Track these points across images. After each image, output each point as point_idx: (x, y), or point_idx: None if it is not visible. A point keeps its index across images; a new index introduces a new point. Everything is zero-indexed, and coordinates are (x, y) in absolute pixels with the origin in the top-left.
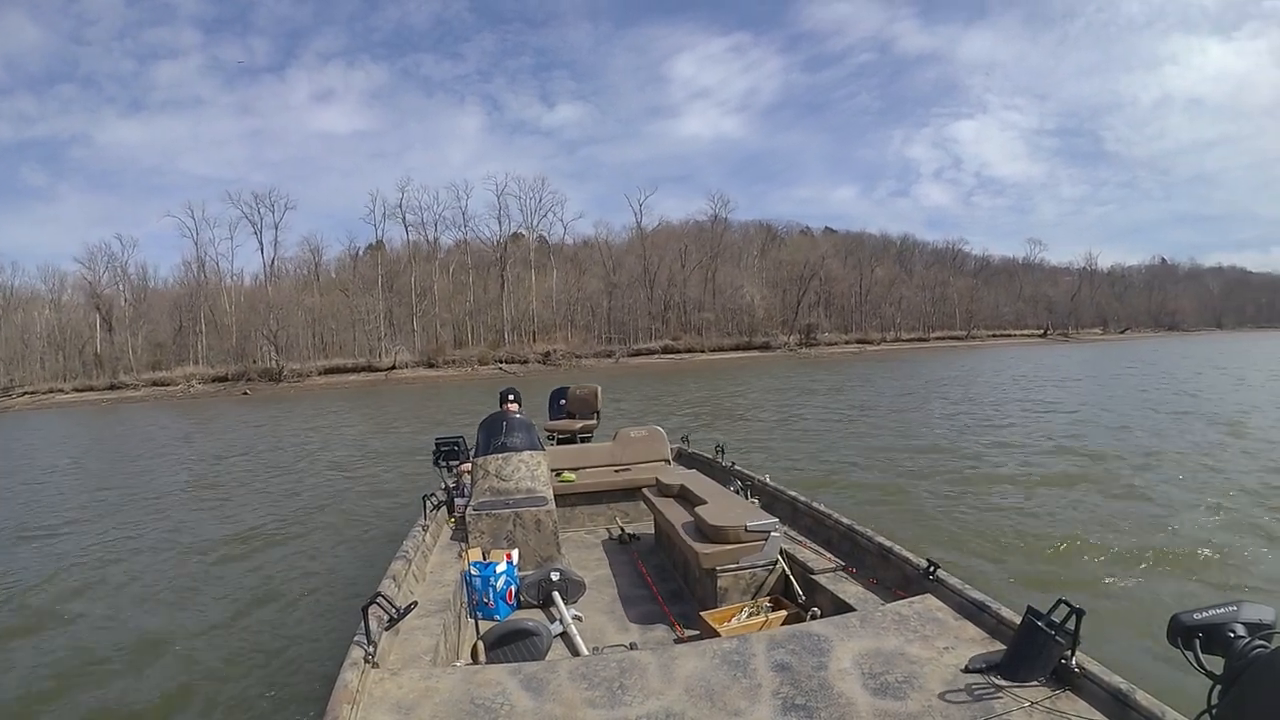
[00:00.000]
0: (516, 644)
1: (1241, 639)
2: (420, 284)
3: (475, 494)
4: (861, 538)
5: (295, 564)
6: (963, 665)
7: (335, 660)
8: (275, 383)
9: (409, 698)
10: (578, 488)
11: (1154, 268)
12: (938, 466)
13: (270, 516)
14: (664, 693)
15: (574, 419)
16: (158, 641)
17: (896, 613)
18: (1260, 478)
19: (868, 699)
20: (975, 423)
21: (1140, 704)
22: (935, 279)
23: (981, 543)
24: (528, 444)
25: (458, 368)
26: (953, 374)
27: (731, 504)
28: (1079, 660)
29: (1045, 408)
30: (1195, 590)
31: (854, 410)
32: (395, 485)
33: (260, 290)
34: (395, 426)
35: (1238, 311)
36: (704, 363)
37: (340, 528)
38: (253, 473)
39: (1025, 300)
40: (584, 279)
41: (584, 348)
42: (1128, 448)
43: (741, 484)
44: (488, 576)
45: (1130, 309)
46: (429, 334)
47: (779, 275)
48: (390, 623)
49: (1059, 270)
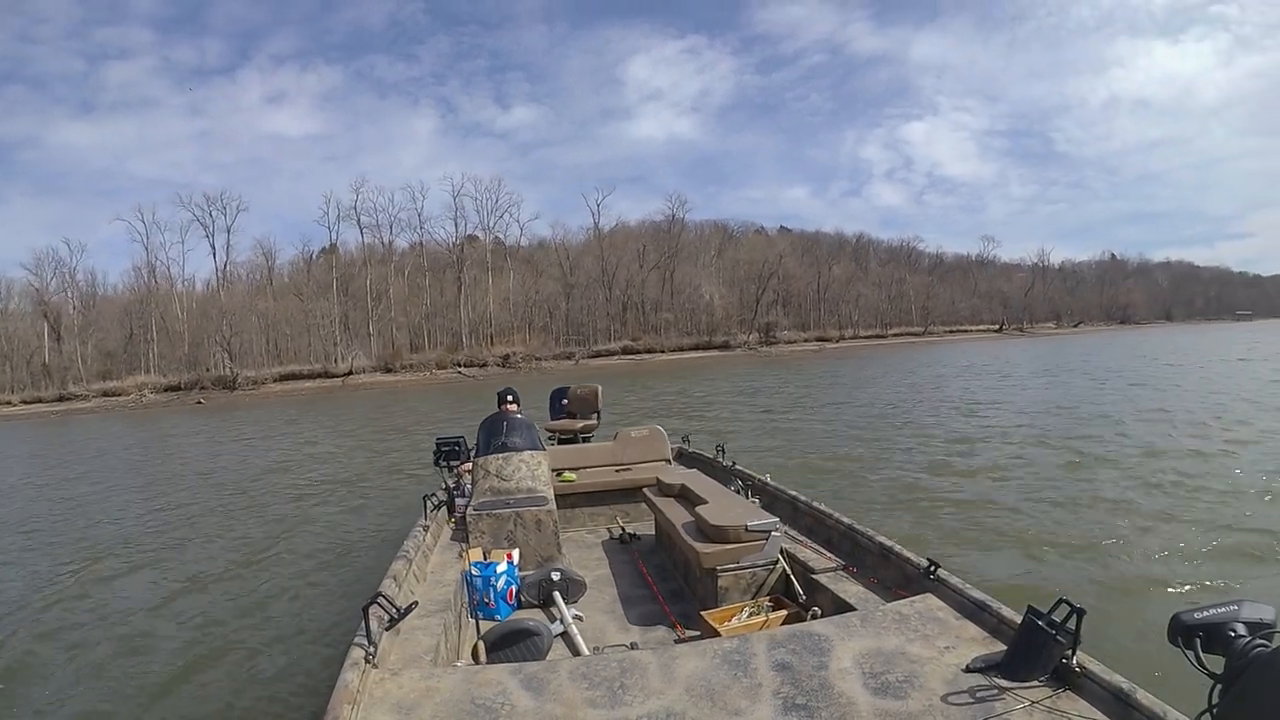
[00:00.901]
0: (517, 644)
1: (1242, 638)
2: (376, 287)
3: (476, 494)
4: (862, 537)
5: (295, 571)
6: (963, 665)
7: (335, 660)
8: (230, 391)
9: (410, 698)
10: (578, 488)
11: (1104, 263)
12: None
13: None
14: (665, 692)
15: (574, 419)
16: (157, 642)
17: (897, 612)
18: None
19: (868, 699)
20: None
21: (1141, 703)
22: (891, 276)
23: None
24: (528, 444)
25: (415, 372)
26: (927, 368)
27: (732, 504)
28: (1080, 660)
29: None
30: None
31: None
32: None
33: (213, 296)
34: (356, 432)
35: (1187, 304)
36: (665, 363)
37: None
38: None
39: (980, 296)
40: (541, 281)
41: (543, 350)
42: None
43: (742, 484)
44: (488, 576)
45: (1083, 303)
46: (385, 338)
47: (737, 274)
48: (391, 623)
49: (1011, 266)
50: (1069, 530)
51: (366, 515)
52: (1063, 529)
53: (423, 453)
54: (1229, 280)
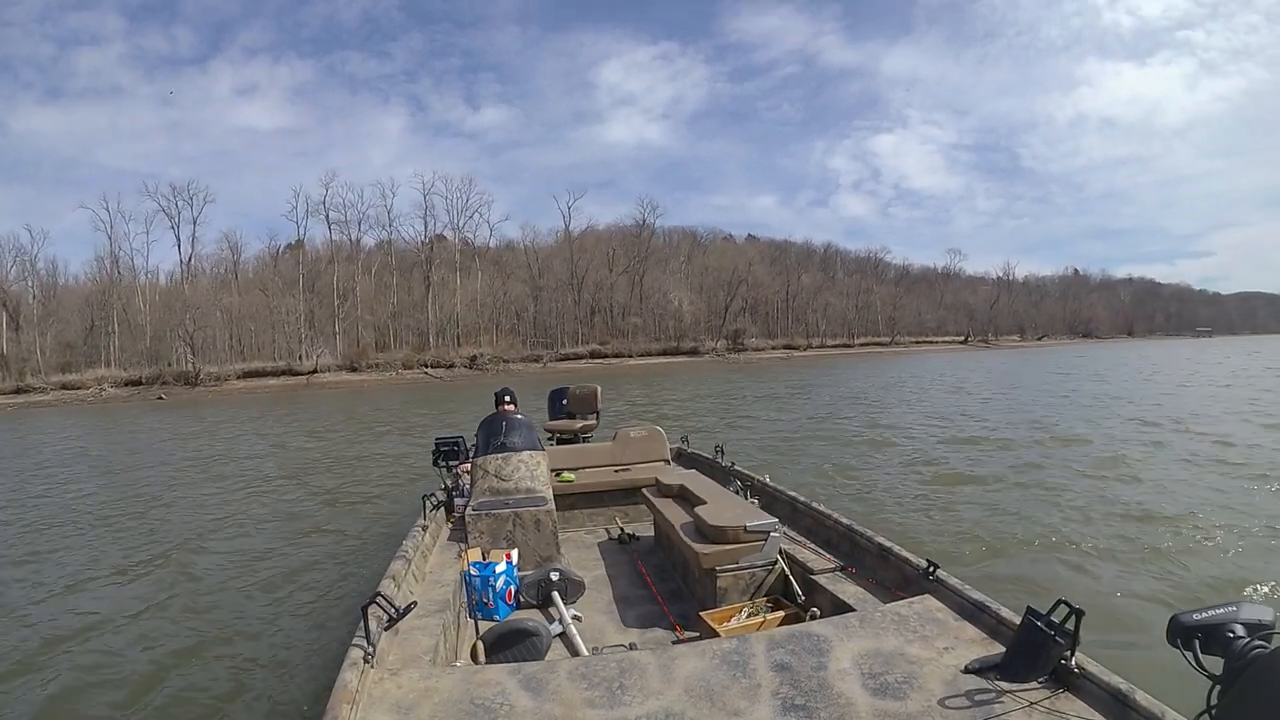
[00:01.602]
0: (516, 644)
1: (1241, 639)
2: (342, 285)
3: (475, 494)
4: (861, 538)
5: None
6: (962, 666)
7: (335, 660)
8: (192, 387)
9: (409, 698)
10: (577, 488)
11: (1067, 278)
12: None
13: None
14: (663, 693)
15: (574, 419)
16: (153, 643)
17: (896, 613)
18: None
19: (867, 699)
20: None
21: (1140, 704)
22: (859, 286)
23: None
24: (527, 444)
25: (381, 372)
26: (897, 378)
27: (731, 504)
28: (1078, 660)
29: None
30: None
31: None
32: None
33: (176, 289)
34: (327, 434)
35: (1148, 320)
36: (634, 368)
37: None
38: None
39: (946, 308)
40: (509, 283)
41: (511, 352)
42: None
43: (741, 484)
44: (487, 576)
45: (1047, 317)
46: (351, 337)
47: (706, 281)
48: (390, 623)
49: (976, 279)
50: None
51: (359, 518)
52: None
53: (407, 457)
54: (1189, 297)
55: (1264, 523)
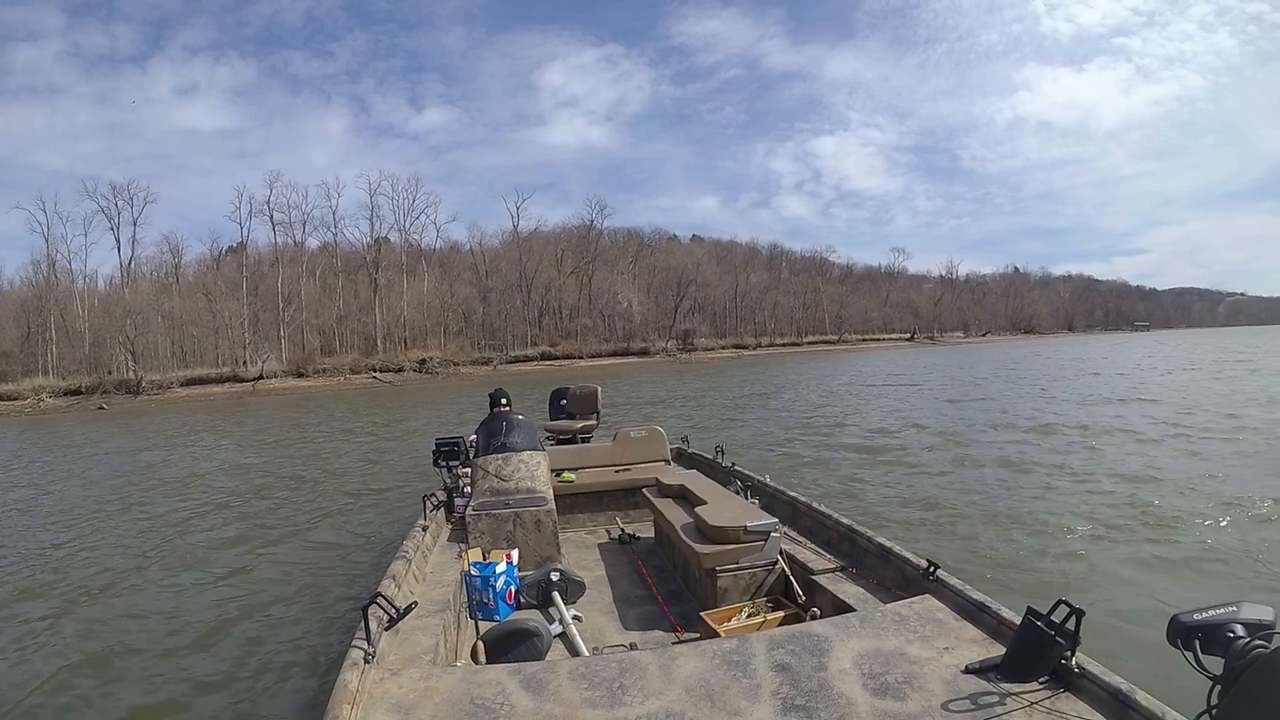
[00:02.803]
0: (516, 644)
1: (1241, 639)
2: (287, 288)
3: (475, 494)
4: (861, 538)
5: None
6: (963, 666)
7: (335, 660)
8: (134, 395)
9: (409, 698)
10: (578, 488)
11: (1008, 275)
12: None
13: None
14: (664, 693)
15: (574, 419)
16: (152, 645)
17: (896, 613)
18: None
19: (868, 699)
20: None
21: (1140, 704)
22: (806, 285)
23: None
24: (528, 444)
25: (329, 377)
26: (859, 376)
27: (731, 504)
28: (1079, 660)
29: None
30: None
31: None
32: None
33: (116, 293)
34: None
35: (1087, 315)
36: (585, 369)
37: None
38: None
39: (892, 306)
40: (457, 285)
41: (461, 355)
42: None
43: (741, 484)
44: (487, 577)
45: (990, 314)
46: (296, 342)
47: (654, 281)
48: (390, 623)
49: (919, 278)
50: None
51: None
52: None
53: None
54: (1127, 293)
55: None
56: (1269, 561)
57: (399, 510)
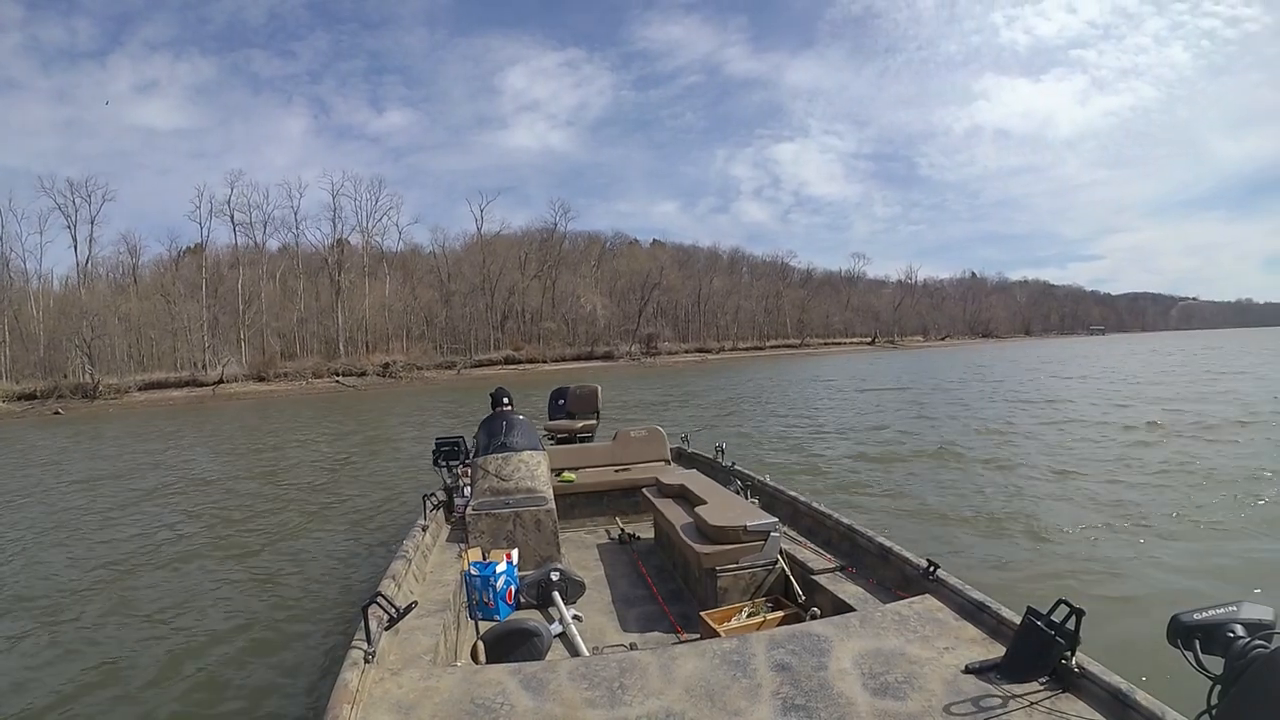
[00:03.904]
0: (516, 644)
1: (1241, 639)
2: (247, 290)
3: (475, 494)
4: (861, 538)
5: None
6: (963, 665)
7: (335, 660)
8: (90, 400)
9: (409, 698)
10: (578, 488)
11: (966, 280)
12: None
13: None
14: (664, 693)
15: (574, 419)
16: (152, 645)
17: (896, 613)
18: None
19: (868, 699)
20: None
21: (1140, 704)
22: (768, 290)
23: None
24: (528, 444)
25: (291, 381)
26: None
27: (731, 504)
28: (1079, 660)
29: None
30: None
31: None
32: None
33: (72, 294)
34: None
35: (1044, 319)
36: (550, 373)
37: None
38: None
39: (853, 310)
40: (419, 288)
41: (424, 359)
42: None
43: (741, 484)
44: (487, 576)
45: (948, 318)
46: (256, 345)
47: (617, 285)
48: (390, 623)
49: (878, 283)
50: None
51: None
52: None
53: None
54: (1082, 298)
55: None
56: None
57: (398, 510)
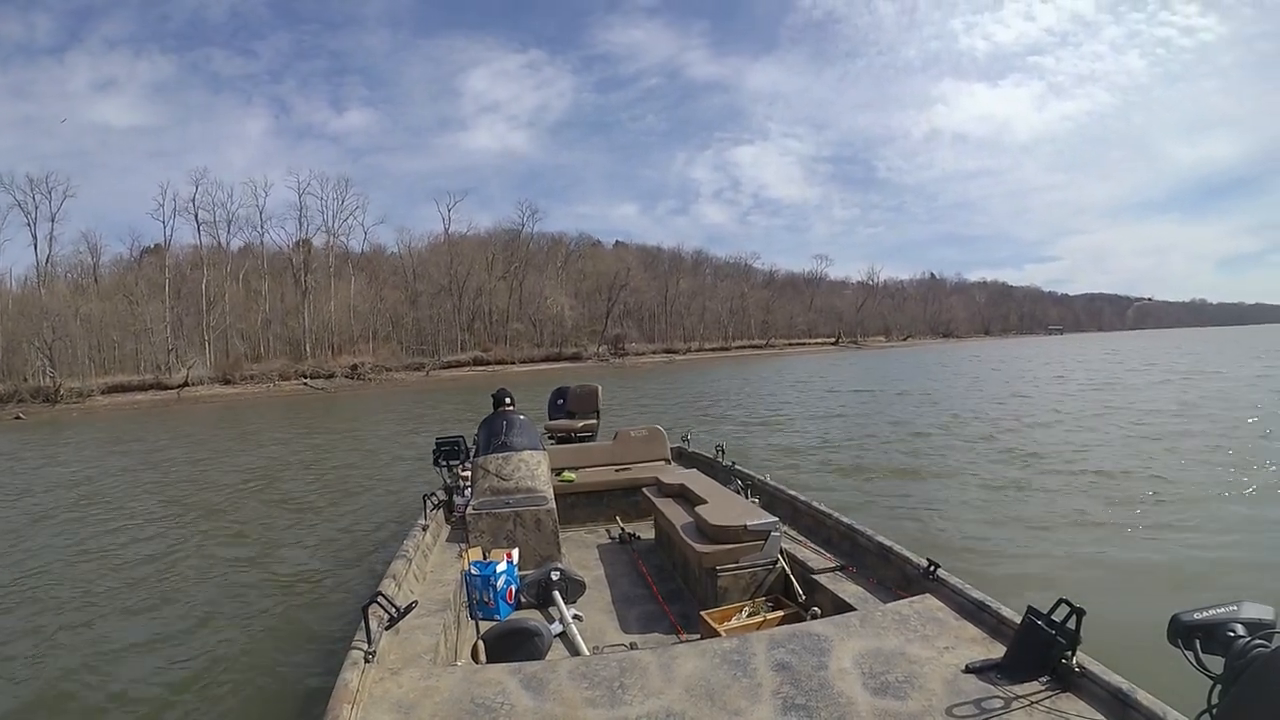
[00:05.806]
0: (517, 644)
1: (1241, 638)
2: (211, 291)
3: (475, 493)
4: (861, 537)
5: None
6: (963, 665)
7: (335, 660)
8: (52, 404)
9: (409, 697)
10: (578, 487)
11: (926, 281)
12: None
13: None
14: (664, 692)
15: (574, 419)
16: (152, 645)
17: (897, 612)
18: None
19: (868, 699)
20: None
21: (1141, 704)
22: (733, 291)
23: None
24: (528, 443)
25: (258, 384)
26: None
27: (731, 503)
28: (1079, 660)
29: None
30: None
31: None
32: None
33: (31, 294)
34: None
35: (1003, 320)
36: (519, 374)
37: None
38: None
39: (816, 311)
40: (385, 289)
41: (393, 360)
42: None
43: (741, 483)
44: (488, 576)
45: (909, 318)
46: (221, 347)
47: (584, 286)
48: (390, 622)
49: (840, 284)
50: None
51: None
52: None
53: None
54: (1040, 299)
55: None
56: None
57: (397, 511)
